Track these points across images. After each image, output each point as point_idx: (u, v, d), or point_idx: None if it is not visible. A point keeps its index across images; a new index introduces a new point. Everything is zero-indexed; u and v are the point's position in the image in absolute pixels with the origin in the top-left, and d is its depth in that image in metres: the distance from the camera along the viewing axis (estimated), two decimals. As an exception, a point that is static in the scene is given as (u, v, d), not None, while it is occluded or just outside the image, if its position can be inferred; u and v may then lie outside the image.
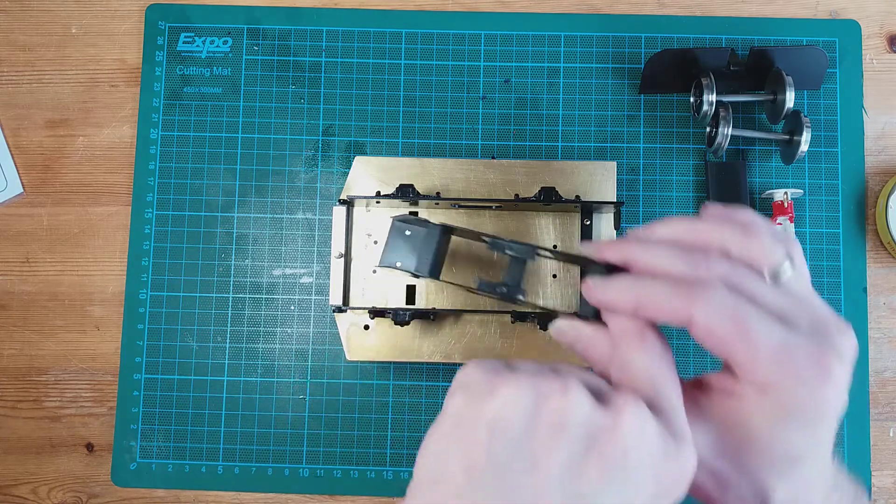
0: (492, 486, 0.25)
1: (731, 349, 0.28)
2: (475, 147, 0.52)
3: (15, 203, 0.52)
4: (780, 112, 0.48)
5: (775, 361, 0.27)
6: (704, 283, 0.28)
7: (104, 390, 0.51)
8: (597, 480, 0.25)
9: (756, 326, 0.27)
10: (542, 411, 0.26)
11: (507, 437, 0.26)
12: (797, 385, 0.28)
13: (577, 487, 0.25)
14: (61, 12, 0.54)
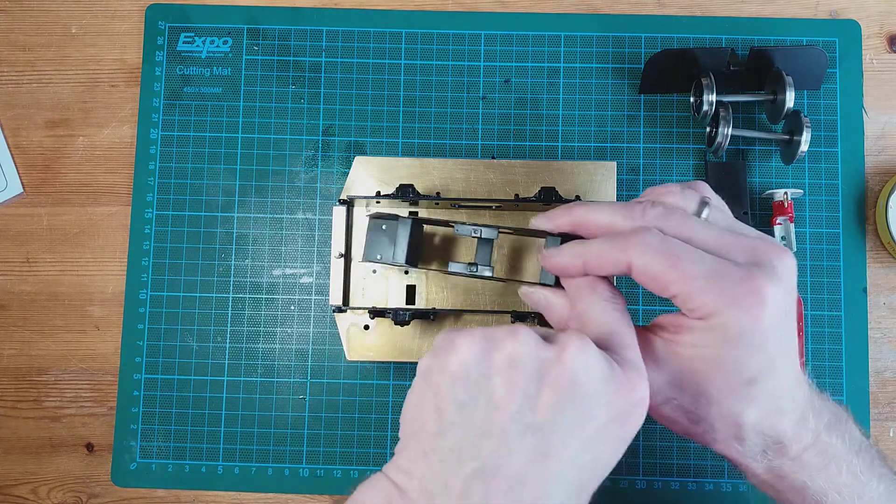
0: (459, 428, 0.28)
1: (668, 284, 0.30)
2: (475, 147, 0.52)
3: (15, 203, 0.52)
4: (780, 112, 0.48)
5: (709, 289, 0.30)
6: (637, 231, 0.31)
7: (104, 390, 0.51)
8: (550, 410, 0.28)
9: (686, 260, 0.30)
10: (494, 355, 0.28)
11: (467, 382, 0.28)
12: (732, 309, 0.30)
13: (534, 418, 0.28)
14: (61, 12, 0.54)
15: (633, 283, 0.50)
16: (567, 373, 0.28)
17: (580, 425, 0.28)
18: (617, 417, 0.29)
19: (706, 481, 0.48)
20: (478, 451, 0.27)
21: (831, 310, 0.50)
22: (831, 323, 0.49)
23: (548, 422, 0.28)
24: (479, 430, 0.28)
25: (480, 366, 0.28)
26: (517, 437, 0.27)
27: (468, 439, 0.28)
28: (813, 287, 0.50)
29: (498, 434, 0.27)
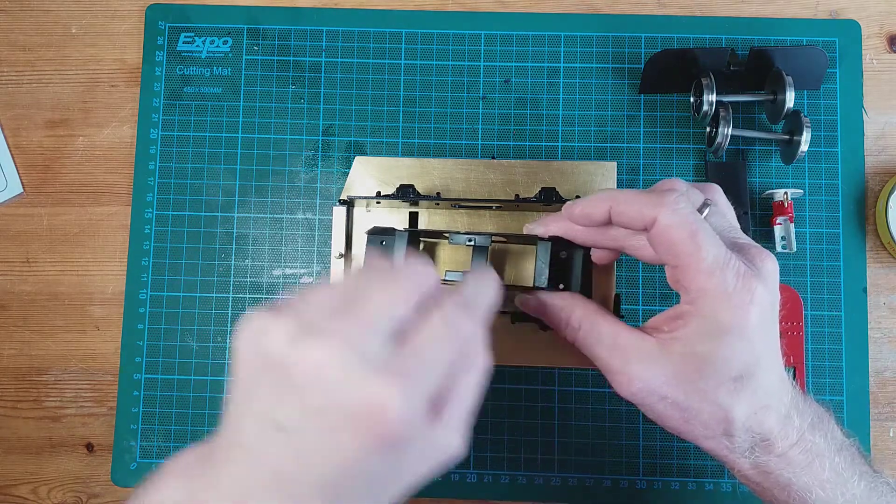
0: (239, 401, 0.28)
1: (682, 252, 0.32)
2: (475, 147, 0.52)
3: (15, 203, 0.52)
4: (780, 112, 0.48)
5: (713, 271, 0.32)
6: (671, 193, 0.33)
7: (104, 390, 0.51)
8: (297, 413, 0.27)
9: (705, 237, 0.32)
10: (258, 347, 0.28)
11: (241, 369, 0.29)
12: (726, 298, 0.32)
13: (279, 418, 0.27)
14: (61, 12, 0.54)
15: (632, 282, 0.50)
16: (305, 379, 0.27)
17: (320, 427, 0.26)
18: (356, 418, 0.27)
19: (706, 481, 0.48)
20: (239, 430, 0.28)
21: (831, 310, 0.50)
22: (831, 323, 0.49)
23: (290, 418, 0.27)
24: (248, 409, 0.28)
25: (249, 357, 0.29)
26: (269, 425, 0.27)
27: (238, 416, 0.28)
28: (813, 287, 0.50)
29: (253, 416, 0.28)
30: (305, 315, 0.28)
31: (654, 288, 0.50)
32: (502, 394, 0.49)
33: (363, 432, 0.26)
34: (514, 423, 0.49)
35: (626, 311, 0.50)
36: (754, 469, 0.34)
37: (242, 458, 0.28)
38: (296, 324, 0.27)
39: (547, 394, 0.49)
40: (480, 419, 0.49)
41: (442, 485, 0.49)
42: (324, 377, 0.26)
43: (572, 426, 0.49)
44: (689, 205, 0.33)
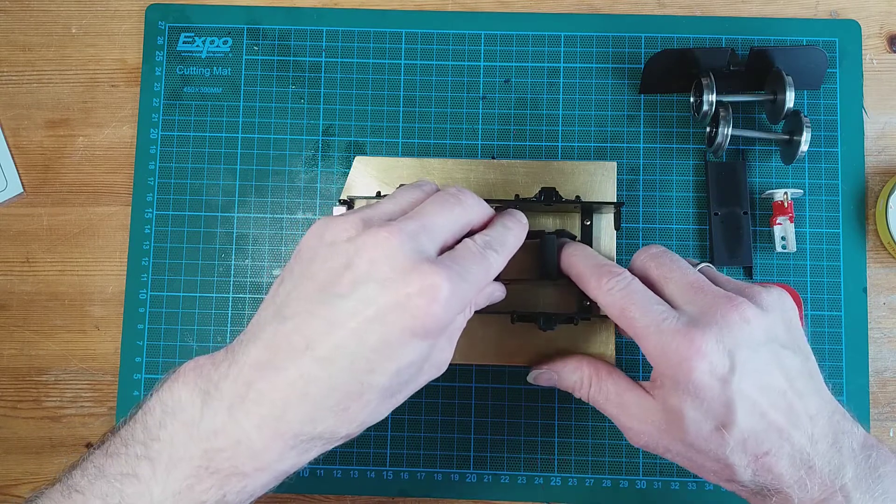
0: (286, 288, 0.32)
1: (623, 329, 0.36)
2: (475, 147, 0.52)
3: (15, 203, 0.52)
4: (780, 112, 0.48)
5: (647, 336, 0.34)
6: (607, 273, 0.37)
7: (104, 390, 0.51)
8: (347, 286, 0.30)
9: (636, 310, 0.34)
10: (325, 236, 0.32)
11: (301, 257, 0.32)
12: (666, 361, 0.33)
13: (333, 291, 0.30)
14: (61, 12, 0.54)
15: (633, 283, 0.50)
16: (367, 259, 0.30)
17: (369, 306, 0.29)
18: (396, 304, 0.29)
19: (706, 481, 0.48)
20: (286, 311, 0.31)
21: (831, 310, 0.50)
22: (831, 323, 0.49)
23: (341, 299, 0.30)
24: (293, 298, 0.31)
25: (315, 242, 0.32)
26: (316, 304, 0.30)
27: (285, 304, 0.31)
28: (813, 287, 0.50)
29: (304, 300, 0.30)
30: (370, 216, 0.32)
31: (654, 288, 0.50)
32: (502, 394, 0.49)
33: (410, 316, 0.29)
34: (514, 423, 0.49)
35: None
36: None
37: (271, 337, 0.30)
38: (361, 220, 0.31)
39: (547, 394, 0.49)
40: (481, 419, 0.49)
41: (442, 485, 0.49)
42: (386, 258, 0.30)
43: (572, 426, 0.49)
44: (620, 281, 0.36)
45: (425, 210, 0.33)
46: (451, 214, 0.33)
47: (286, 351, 0.30)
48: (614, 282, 0.36)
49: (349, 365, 0.29)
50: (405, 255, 0.30)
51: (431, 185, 0.37)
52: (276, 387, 0.30)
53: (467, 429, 0.49)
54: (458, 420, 0.49)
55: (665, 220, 0.50)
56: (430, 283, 0.29)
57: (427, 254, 0.31)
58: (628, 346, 0.49)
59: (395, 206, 0.34)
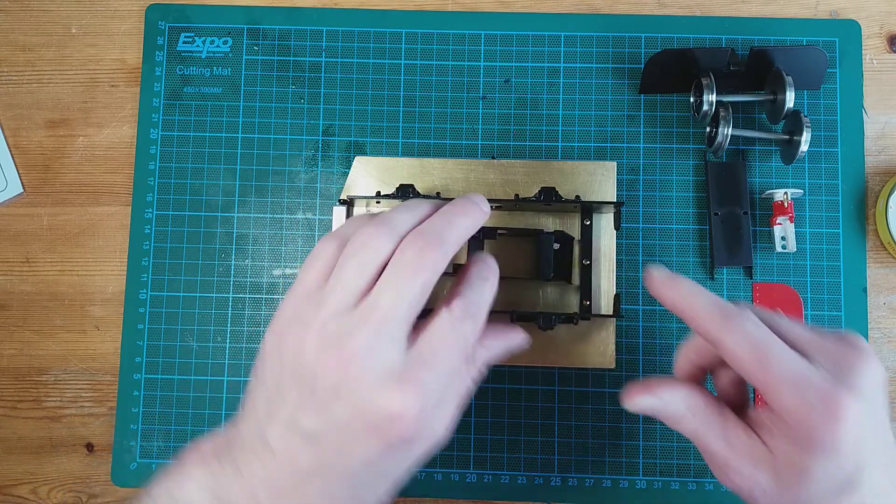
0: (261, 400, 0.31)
1: (753, 377, 0.31)
2: (475, 147, 0.52)
3: (15, 203, 0.52)
4: (780, 112, 0.48)
5: (791, 396, 0.30)
6: (740, 312, 0.32)
7: (104, 390, 0.51)
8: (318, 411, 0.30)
9: (775, 359, 0.31)
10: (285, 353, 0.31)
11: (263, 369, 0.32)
12: (809, 419, 0.30)
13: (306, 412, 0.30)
14: (61, 12, 0.54)
15: (632, 282, 0.50)
16: (331, 380, 0.29)
17: (343, 431, 0.29)
18: (374, 426, 0.29)
19: (706, 481, 0.48)
20: (269, 428, 0.30)
21: (831, 310, 0.50)
22: (831, 323, 0.49)
23: (316, 423, 0.30)
24: (273, 412, 0.31)
25: (277, 354, 0.31)
26: (291, 429, 0.30)
27: (268, 415, 0.31)
28: (813, 287, 0.50)
29: (282, 421, 0.30)
30: (327, 320, 0.30)
31: (654, 288, 0.50)
32: (502, 394, 0.49)
33: (385, 436, 0.29)
34: (514, 423, 0.49)
35: (625, 311, 0.50)
36: None
37: (268, 458, 0.30)
38: (319, 328, 0.30)
39: (547, 394, 0.49)
40: (481, 419, 0.49)
41: (442, 485, 0.49)
42: (347, 388, 0.29)
43: (572, 426, 0.49)
44: (755, 323, 0.32)
45: (380, 297, 0.30)
46: (414, 287, 0.30)
47: (283, 475, 0.30)
48: (750, 324, 0.32)
49: (338, 481, 0.30)
50: (370, 380, 0.29)
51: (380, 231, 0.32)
52: None
53: (467, 429, 0.49)
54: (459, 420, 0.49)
55: (665, 220, 0.50)
56: (398, 413, 0.29)
57: (393, 367, 0.29)
58: (628, 347, 0.49)
59: (347, 293, 0.30)
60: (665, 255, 0.50)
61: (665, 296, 0.34)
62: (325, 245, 0.32)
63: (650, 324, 0.50)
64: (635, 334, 0.50)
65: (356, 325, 0.29)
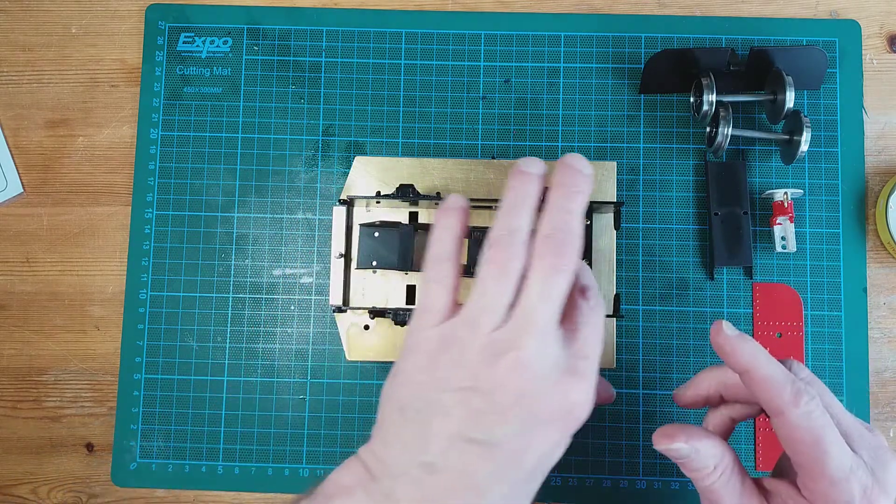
0: (417, 428, 0.31)
1: (804, 454, 0.32)
2: (475, 147, 0.52)
3: (15, 203, 0.52)
4: (780, 112, 0.48)
5: (837, 482, 0.32)
6: (806, 391, 0.33)
7: (104, 390, 0.51)
8: (497, 424, 0.30)
9: (830, 444, 0.32)
10: (442, 370, 0.31)
11: (421, 396, 0.32)
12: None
13: (479, 431, 0.30)
14: (61, 12, 0.54)
15: (632, 282, 0.50)
16: (511, 391, 0.30)
17: (523, 433, 0.30)
18: (556, 419, 0.31)
19: (706, 481, 0.48)
20: (429, 449, 0.30)
21: (831, 310, 0.50)
22: (831, 323, 0.49)
23: (492, 433, 0.30)
24: (431, 434, 0.31)
25: (433, 378, 0.31)
26: (463, 444, 0.30)
27: (423, 439, 0.31)
28: (813, 287, 0.50)
29: (446, 439, 0.30)
30: (488, 337, 0.31)
31: (655, 288, 0.50)
32: (502, 394, 0.49)
33: (566, 426, 0.31)
34: (514, 423, 0.49)
35: (625, 311, 0.50)
36: None
37: (430, 480, 0.30)
38: (484, 349, 0.31)
39: (547, 394, 0.49)
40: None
41: (442, 485, 0.49)
42: (526, 392, 0.30)
43: (572, 426, 0.49)
44: (819, 405, 0.32)
45: (534, 307, 0.31)
46: (562, 288, 0.31)
47: (444, 494, 0.30)
48: (814, 405, 0.32)
49: (508, 487, 0.31)
50: (545, 379, 0.30)
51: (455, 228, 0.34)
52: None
53: (467, 429, 0.49)
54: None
55: (665, 220, 0.50)
56: (583, 393, 0.31)
57: (558, 360, 0.31)
58: (628, 347, 0.49)
59: (499, 309, 0.31)
60: (665, 255, 0.50)
61: (734, 353, 0.34)
62: (440, 268, 0.33)
63: (650, 324, 0.50)
64: (635, 334, 0.50)
65: (518, 335, 0.31)
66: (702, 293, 0.50)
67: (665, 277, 0.50)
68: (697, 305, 0.50)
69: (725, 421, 0.38)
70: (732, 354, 0.34)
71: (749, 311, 0.50)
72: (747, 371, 0.34)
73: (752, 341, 0.34)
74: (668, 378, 0.49)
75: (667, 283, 0.50)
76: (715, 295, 0.50)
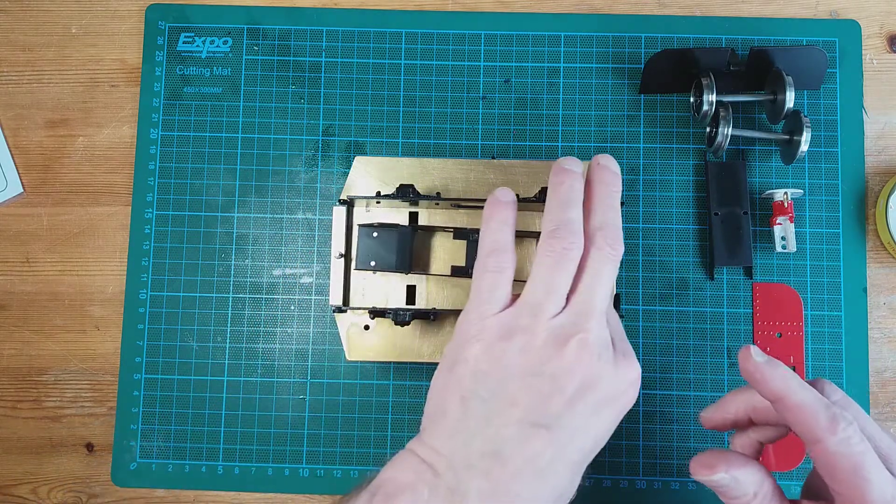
0: (482, 417, 0.32)
1: (844, 482, 0.31)
2: (475, 147, 0.52)
3: (15, 203, 0.52)
4: (780, 112, 0.48)
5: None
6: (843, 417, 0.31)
7: (104, 390, 0.51)
8: (562, 406, 0.31)
9: (871, 472, 0.31)
10: (509, 355, 0.32)
11: (487, 381, 0.32)
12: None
13: (545, 414, 0.31)
14: (61, 12, 0.54)
15: (632, 282, 0.50)
16: (577, 374, 0.32)
17: (585, 415, 0.32)
18: (614, 398, 0.33)
19: (706, 481, 0.48)
20: (496, 437, 0.31)
21: (831, 310, 0.50)
22: (831, 323, 0.49)
23: (558, 417, 0.31)
24: (497, 421, 0.31)
25: (498, 366, 0.32)
26: (529, 429, 0.31)
27: (489, 427, 0.31)
28: (813, 287, 0.50)
29: (514, 425, 0.31)
30: (551, 324, 0.33)
31: (655, 288, 0.50)
32: (502, 394, 0.49)
33: (621, 405, 0.33)
34: (514, 423, 0.49)
35: (626, 311, 0.50)
36: None
37: (498, 469, 0.31)
38: (548, 335, 0.33)
39: (547, 394, 0.49)
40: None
41: (442, 485, 0.49)
42: (590, 374, 0.32)
43: (572, 426, 0.49)
44: (858, 432, 0.31)
45: (595, 293, 0.34)
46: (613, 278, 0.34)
47: (511, 479, 0.31)
48: (852, 430, 0.31)
49: (568, 469, 0.32)
50: (606, 360, 0.32)
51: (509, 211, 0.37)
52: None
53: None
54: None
55: (665, 220, 0.50)
56: (636, 375, 0.33)
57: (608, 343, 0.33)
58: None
59: (560, 297, 0.33)
60: (665, 255, 0.50)
61: (765, 381, 0.33)
62: (499, 258, 0.35)
63: (650, 324, 0.50)
64: (635, 334, 0.50)
65: (582, 319, 0.33)
66: (702, 293, 0.50)
67: (665, 277, 0.50)
68: (697, 305, 0.50)
69: (754, 443, 0.37)
70: (763, 382, 0.33)
71: (749, 311, 0.50)
72: (780, 399, 0.32)
73: (783, 367, 0.33)
74: (668, 378, 0.49)
75: (667, 283, 0.50)
76: (715, 295, 0.50)
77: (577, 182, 0.36)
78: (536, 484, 0.31)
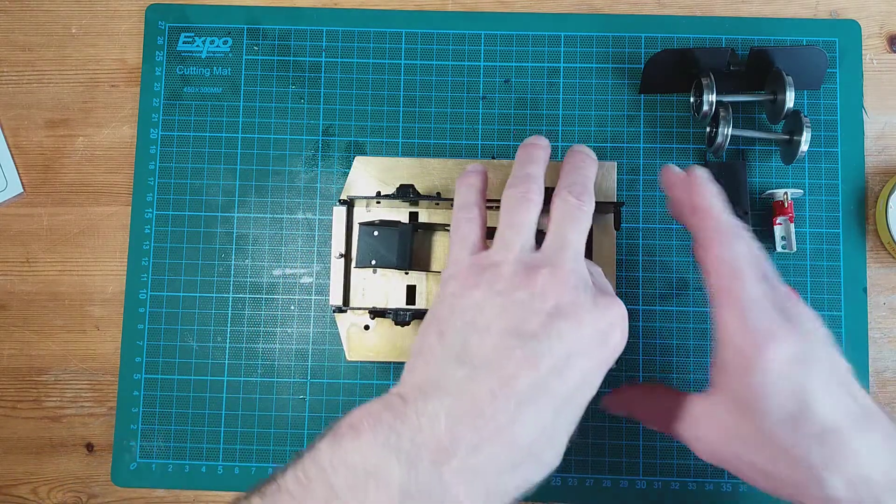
0: (458, 343, 0.31)
1: (721, 292, 0.34)
2: (475, 147, 0.52)
3: (15, 203, 0.52)
4: (780, 112, 0.48)
5: (746, 313, 0.33)
6: (740, 227, 0.35)
7: (104, 390, 0.51)
8: (540, 330, 0.30)
9: (748, 280, 0.33)
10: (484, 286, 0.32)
11: (465, 310, 0.32)
12: (757, 338, 0.32)
13: (523, 337, 0.30)
14: (61, 12, 0.54)
15: (632, 282, 0.50)
16: (550, 297, 0.31)
17: (565, 343, 0.30)
18: (597, 338, 0.32)
19: (706, 481, 0.48)
20: (471, 358, 0.30)
21: (831, 310, 0.50)
22: (831, 323, 0.49)
23: (534, 336, 0.30)
24: (473, 342, 0.31)
25: (472, 297, 0.32)
26: (504, 350, 0.30)
27: (464, 352, 0.31)
28: (813, 287, 0.50)
29: (488, 347, 0.30)
30: (521, 253, 0.33)
31: (654, 288, 0.50)
32: (502, 394, 0.49)
33: (608, 346, 0.32)
34: (514, 423, 0.49)
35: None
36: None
37: (467, 387, 0.29)
38: (517, 261, 0.33)
39: (547, 394, 0.49)
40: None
41: (442, 485, 0.49)
42: (567, 302, 0.31)
43: (572, 426, 0.49)
44: (751, 249, 0.34)
45: (565, 235, 0.34)
46: (585, 224, 0.35)
47: (486, 399, 0.29)
48: (745, 248, 0.34)
49: (550, 405, 0.30)
50: (584, 292, 0.32)
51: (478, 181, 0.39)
52: (482, 436, 0.28)
53: (467, 429, 0.49)
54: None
55: (665, 220, 0.50)
56: (620, 314, 0.33)
57: (589, 281, 0.33)
58: (628, 347, 0.49)
59: (528, 236, 0.34)
60: (665, 255, 0.50)
61: (697, 192, 0.36)
62: (468, 210, 0.37)
63: (650, 323, 0.50)
64: (635, 334, 0.50)
65: (553, 253, 0.33)
66: (702, 293, 0.50)
67: (665, 277, 0.50)
68: (697, 305, 0.50)
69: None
70: (695, 193, 0.36)
71: (749, 311, 0.50)
72: (693, 205, 0.36)
73: (706, 177, 0.37)
74: (669, 378, 0.49)
75: (667, 283, 0.50)
76: (715, 295, 0.50)
77: (540, 151, 0.37)
78: (514, 409, 0.29)
